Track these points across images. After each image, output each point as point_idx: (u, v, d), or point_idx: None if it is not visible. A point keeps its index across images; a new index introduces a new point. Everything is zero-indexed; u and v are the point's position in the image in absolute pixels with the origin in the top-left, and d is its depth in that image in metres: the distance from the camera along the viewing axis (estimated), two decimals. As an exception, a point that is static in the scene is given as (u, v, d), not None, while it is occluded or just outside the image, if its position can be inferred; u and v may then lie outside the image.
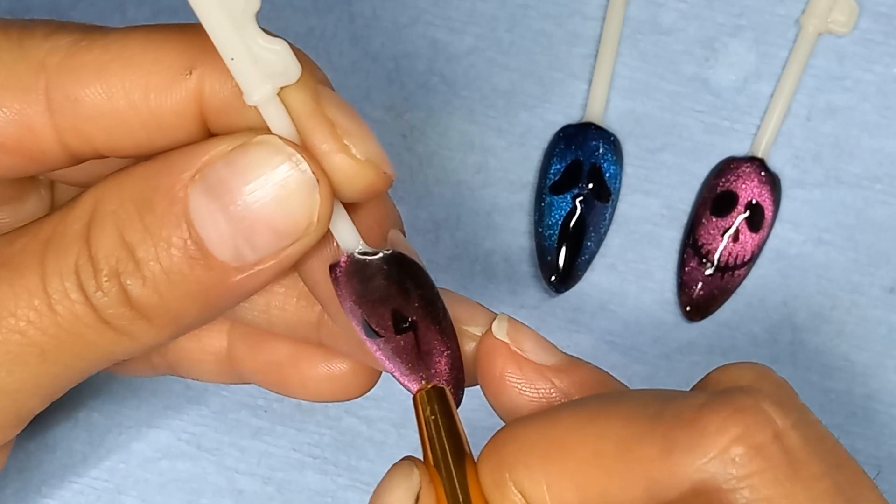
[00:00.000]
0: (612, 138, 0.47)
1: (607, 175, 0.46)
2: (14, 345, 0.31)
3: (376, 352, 0.34)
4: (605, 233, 0.47)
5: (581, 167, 0.46)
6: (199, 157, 0.31)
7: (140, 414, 0.46)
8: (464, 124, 0.48)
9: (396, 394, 0.46)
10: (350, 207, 0.33)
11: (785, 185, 0.47)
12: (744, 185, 0.47)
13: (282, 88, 0.30)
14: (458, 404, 0.35)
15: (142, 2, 0.48)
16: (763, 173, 0.47)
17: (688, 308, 0.46)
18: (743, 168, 0.47)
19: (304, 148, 0.31)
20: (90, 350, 0.32)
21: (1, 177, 0.34)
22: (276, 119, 0.31)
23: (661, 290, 0.47)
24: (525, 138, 0.48)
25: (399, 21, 0.49)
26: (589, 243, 0.46)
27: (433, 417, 0.33)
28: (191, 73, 0.31)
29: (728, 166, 0.47)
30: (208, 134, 0.32)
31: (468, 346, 0.35)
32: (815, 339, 0.47)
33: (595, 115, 0.47)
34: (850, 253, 0.47)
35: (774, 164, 0.48)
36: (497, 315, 0.35)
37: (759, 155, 0.47)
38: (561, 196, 0.46)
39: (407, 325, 0.33)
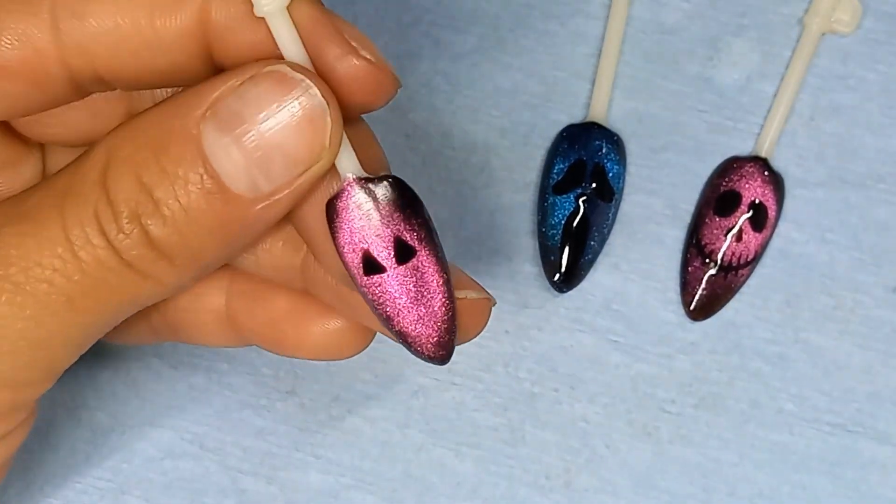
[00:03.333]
0: (615, 138, 0.47)
1: (610, 175, 0.46)
2: (42, 294, 0.32)
3: (375, 292, 0.34)
4: (609, 232, 0.47)
5: (584, 167, 0.46)
6: (210, 95, 0.32)
7: (143, 413, 0.46)
8: (467, 124, 0.48)
9: (399, 394, 0.46)
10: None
11: (788, 184, 0.47)
12: (747, 185, 0.46)
13: (293, 3, 0.31)
14: (451, 350, 0.35)
15: None
16: (766, 173, 0.47)
17: (691, 307, 0.46)
18: (746, 167, 0.47)
19: (312, 73, 0.32)
20: (115, 295, 0.33)
21: (6, 114, 0.34)
22: (284, 31, 0.31)
23: (664, 289, 0.47)
24: (528, 138, 0.48)
25: (402, 20, 0.49)
26: (592, 243, 0.46)
27: None
28: None
29: (731, 166, 0.47)
30: (210, 58, 0.33)
31: None
32: (818, 338, 0.47)
33: (598, 114, 0.47)
34: (853, 252, 0.47)
35: (778, 163, 0.47)
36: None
37: (763, 154, 0.47)
38: (564, 196, 0.46)
39: (408, 255, 0.33)
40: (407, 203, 0.33)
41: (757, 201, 0.46)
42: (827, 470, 0.46)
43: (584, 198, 0.46)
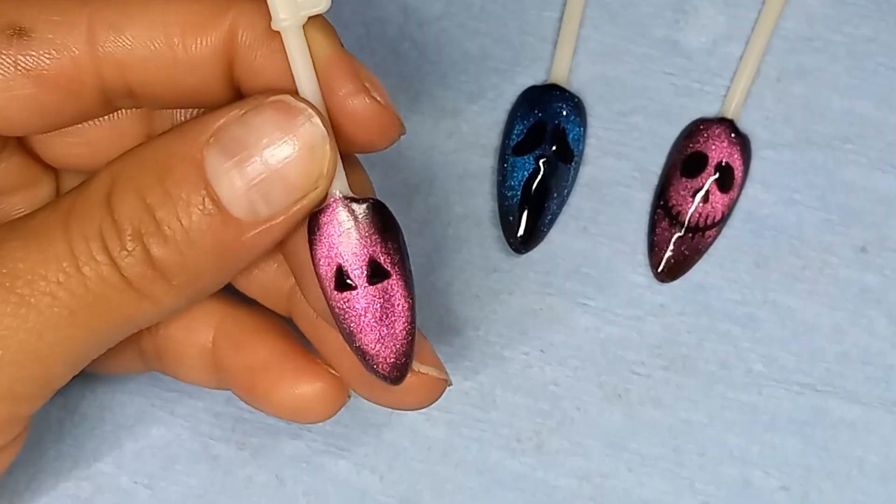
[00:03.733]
0: (575, 100, 0.47)
1: (570, 137, 0.46)
2: (45, 307, 0.33)
3: (343, 307, 0.35)
4: (569, 194, 0.47)
5: (544, 129, 0.46)
6: (214, 123, 0.33)
7: (113, 380, 0.46)
8: (435, 89, 0.48)
9: (370, 358, 0.46)
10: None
11: (755, 146, 0.47)
12: (714, 146, 0.47)
13: (313, 33, 0.33)
14: (405, 372, 0.36)
15: None
16: (733, 134, 0.47)
17: (659, 269, 0.47)
18: (713, 129, 0.47)
19: (312, 104, 0.33)
20: (115, 312, 0.34)
21: (39, 124, 0.35)
22: (297, 49, 0.33)
23: (633, 252, 0.47)
24: (497, 102, 0.48)
25: (370, -13, 0.49)
26: (551, 204, 0.46)
27: None
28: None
29: (698, 128, 0.47)
30: (231, 81, 0.34)
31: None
32: (786, 299, 0.47)
33: (559, 77, 0.47)
34: (821, 213, 0.47)
35: (745, 125, 0.48)
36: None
37: (730, 116, 0.47)
38: (524, 157, 0.46)
39: (379, 277, 0.34)
40: (386, 227, 0.34)
41: (723, 162, 0.46)
42: (796, 430, 0.46)
43: (544, 159, 0.46)
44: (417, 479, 0.46)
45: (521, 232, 0.46)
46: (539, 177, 0.46)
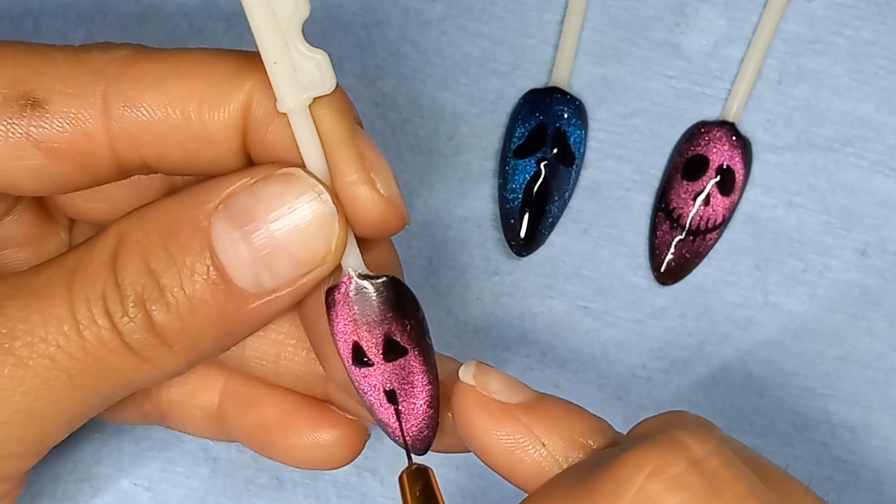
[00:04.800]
0: (577, 103, 0.47)
1: (572, 140, 0.46)
2: (43, 369, 0.33)
3: (361, 382, 0.35)
4: (570, 197, 0.47)
5: (545, 131, 0.46)
6: (223, 189, 0.33)
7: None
8: (436, 92, 0.48)
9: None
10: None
11: (756, 148, 0.47)
12: (715, 149, 0.47)
13: (322, 112, 0.32)
14: (429, 444, 0.36)
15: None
16: (734, 137, 0.47)
17: (660, 272, 0.47)
18: (714, 132, 0.47)
19: (324, 179, 0.33)
20: (113, 375, 0.33)
21: (49, 191, 0.35)
22: (303, 130, 0.32)
23: (633, 254, 0.47)
24: (497, 105, 0.48)
25: (371, -11, 0.49)
26: (552, 207, 0.46)
27: (419, 496, 0.34)
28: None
29: (699, 130, 0.47)
30: (246, 152, 0.34)
31: None
32: (787, 301, 0.47)
33: (561, 79, 0.47)
34: (821, 216, 0.47)
35: (746, 128, 0.48)
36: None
37: (730, 119, 0.47)
38: (525, 160, 0.46)
39: (396, 354, 0.35)
40: (402, 304, 0.34)
41: (724, 165, 0.47)
42: (797, 432, 0.46)
43: (546, 162, 0.46)
44: (418, 482, 0.46)
45: (522, 234, 0.46)
46: (540, 179, 0.46)
